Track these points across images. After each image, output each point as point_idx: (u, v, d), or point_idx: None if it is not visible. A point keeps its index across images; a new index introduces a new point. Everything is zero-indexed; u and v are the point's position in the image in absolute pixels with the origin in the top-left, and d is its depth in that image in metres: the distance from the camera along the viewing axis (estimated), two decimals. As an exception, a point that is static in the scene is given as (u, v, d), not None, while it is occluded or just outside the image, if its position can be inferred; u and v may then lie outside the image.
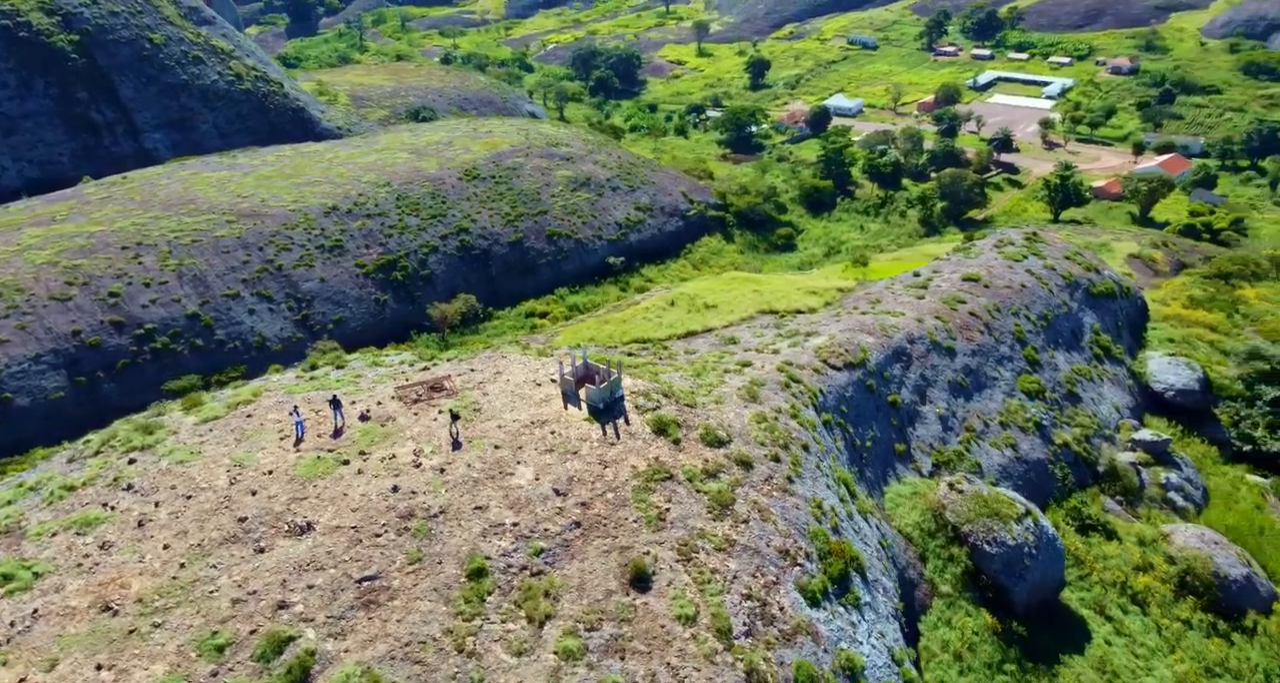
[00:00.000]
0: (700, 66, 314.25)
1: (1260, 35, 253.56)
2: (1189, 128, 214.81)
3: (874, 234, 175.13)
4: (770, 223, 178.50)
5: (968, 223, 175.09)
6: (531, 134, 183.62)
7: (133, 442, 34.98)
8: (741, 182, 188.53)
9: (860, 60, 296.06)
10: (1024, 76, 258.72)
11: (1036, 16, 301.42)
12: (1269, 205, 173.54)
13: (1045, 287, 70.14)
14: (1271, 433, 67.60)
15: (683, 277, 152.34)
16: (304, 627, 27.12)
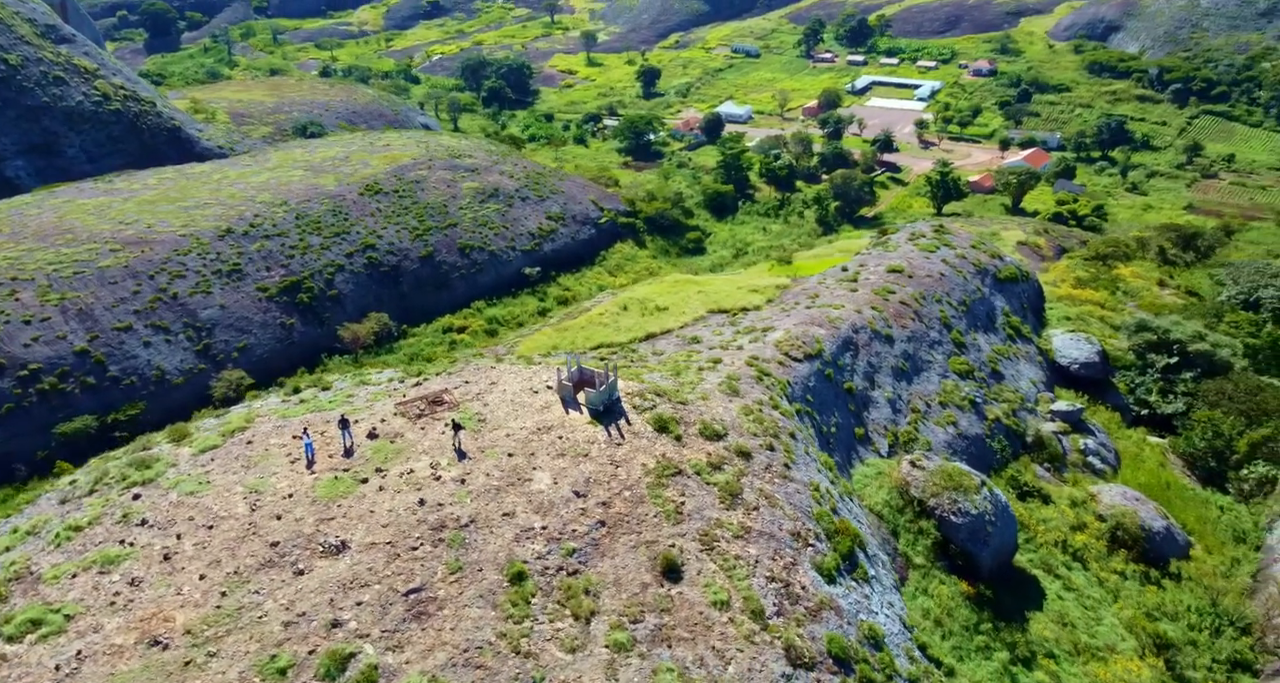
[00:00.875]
0: (592, 76, 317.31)
1: (1100, 36, 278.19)
2: (1046, 124, 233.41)
3: (776, 235, 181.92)
4: (679, 228, 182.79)
5: (860, 220, 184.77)
6: (432, 146, 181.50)
7: (131, 478, 33.85)
8: (648, 189, 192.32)
9: (745, 68, 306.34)
10: (897, 80, 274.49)
11: (902, 23, 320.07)
12: (1121, 192, 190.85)
13: (960, 274, 75.93)
14: (1164, 397, 75.56)
15: (600, 284, 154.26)
16: (361, 643, 27.38)
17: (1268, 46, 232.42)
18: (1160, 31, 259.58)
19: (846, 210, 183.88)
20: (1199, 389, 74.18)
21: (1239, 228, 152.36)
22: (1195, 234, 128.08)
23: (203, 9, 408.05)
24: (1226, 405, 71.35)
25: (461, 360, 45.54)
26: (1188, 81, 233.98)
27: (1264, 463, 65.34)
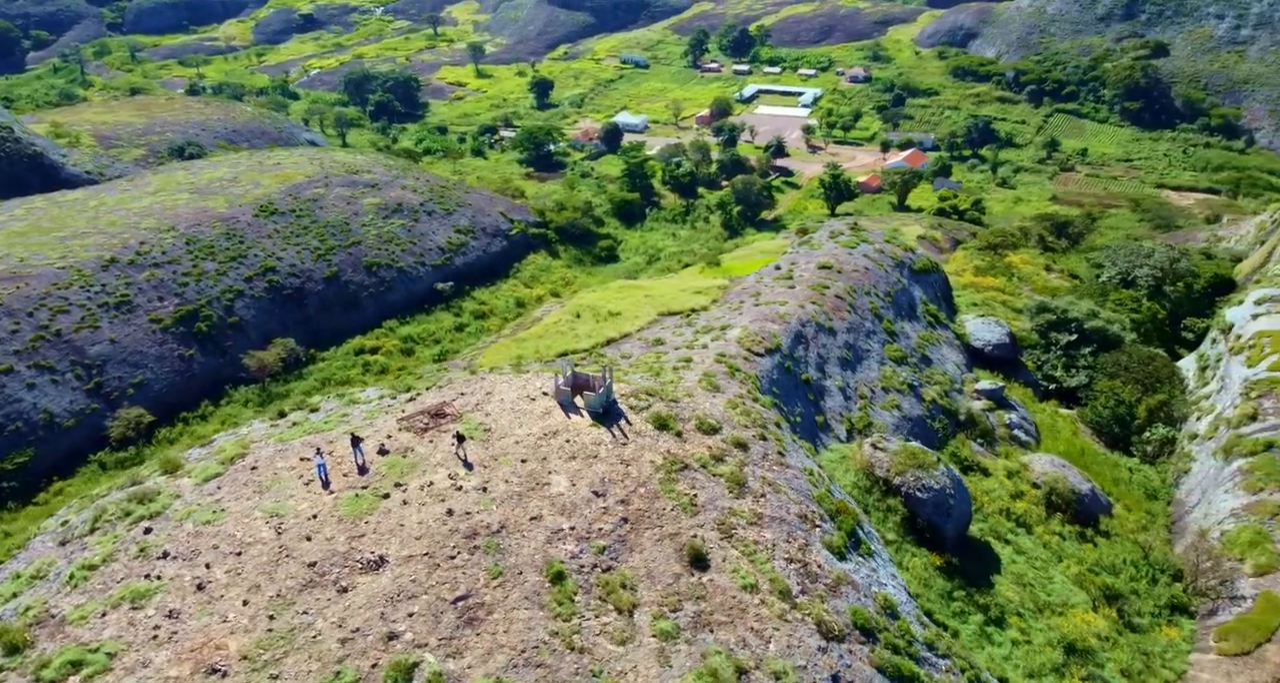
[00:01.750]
0: (482, 88, 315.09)
1: (961, 43, 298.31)
2: (919, 126, 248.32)
3: (685, 240, 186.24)
4: (591, 236, 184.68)
5: (761, 223, 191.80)
6: (327, 163, 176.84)
7: (135, 512, 32.63)
8: (556, 198, 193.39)
9: (635, 78, 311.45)
10: (781, 88, 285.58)
11: (781, 33, 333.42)
12: (993, 187, 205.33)
13: (881, 268, 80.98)
14: (1067, 372, 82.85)
15: (516, 297, 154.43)
16: (421, 652, 27.71)
17: (1108, 48, 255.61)
18: (1013, 37, 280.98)
19: (748, 214, 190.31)
20: (1098, 363, 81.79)
21: (1099, 215, 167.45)
22: (1067, 222, 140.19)
23: (49, 27, 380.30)
24: (1124, 376, 79.00)
25: (450, 373, 45.66)
26: (1041, 83, 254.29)
27: (1162, 426, 72.87)
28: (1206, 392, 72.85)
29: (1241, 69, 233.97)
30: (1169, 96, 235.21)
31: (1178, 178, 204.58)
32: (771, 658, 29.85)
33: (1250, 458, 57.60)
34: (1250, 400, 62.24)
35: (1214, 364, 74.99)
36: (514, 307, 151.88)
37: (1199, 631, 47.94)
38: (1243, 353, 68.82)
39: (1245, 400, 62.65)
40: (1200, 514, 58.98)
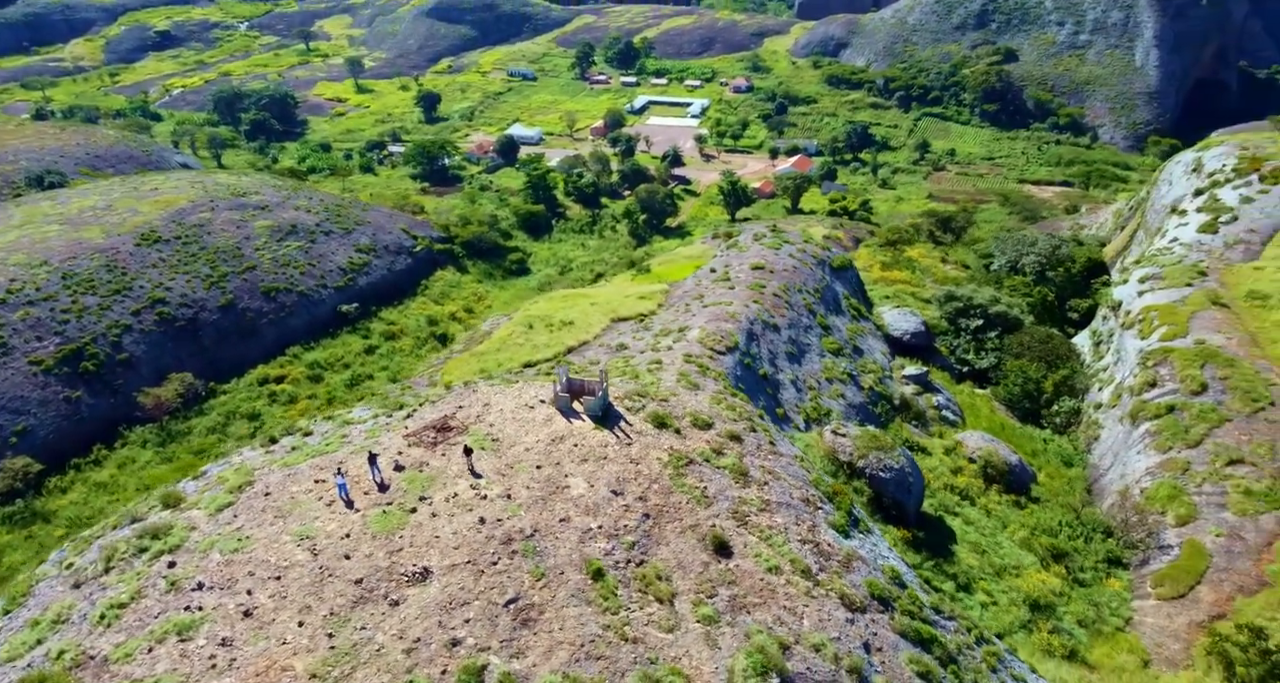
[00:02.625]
0: (364, 103, 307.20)
1: (833, 52, 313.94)
2: (802, 132, 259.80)
3: (595, 250, 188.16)
4: (499, 250, 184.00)
5: (667, 231, 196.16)
6: (210, 186, 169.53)
7: (151, 547, 31.50)
8: (459, 213, 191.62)
9: (524, 91, 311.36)
10: (670, 99, 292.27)
11: (664, 45, 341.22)
12: (875, 189, 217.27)
13: (806, 266, 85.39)
14: (978, 355, 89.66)
15: (427, 315, 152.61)
16: (486, 655, 28.31)
17: (965, 55, 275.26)
18: (880, 46, 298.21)
19: (653, 222, 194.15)
20: (1004, 344, 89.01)
21: (974, 210, 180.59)
22: (949, 218, 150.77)
23: None
24: (1028, 355, 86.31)
25: (441, 389, 45.71)
26: (909, 89, 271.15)
27: (1069, 398, 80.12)
28: (1104, 364, 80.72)
29: (1082, 71, 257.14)
30: (1022, 98, 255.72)
31: (1036, 173, 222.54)
32: (808, 633, 31.99)
33: (1155, 421, 64.54)
34: (1148, 369, 69.68)
35: (1107, 339, 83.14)
36: (426, 325, 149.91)
37: (1135, 580, 53.53)
38: (1134, 327, 76.80)
39: (1143, 369, 70.06)
40: (1116, 475, 65.55)
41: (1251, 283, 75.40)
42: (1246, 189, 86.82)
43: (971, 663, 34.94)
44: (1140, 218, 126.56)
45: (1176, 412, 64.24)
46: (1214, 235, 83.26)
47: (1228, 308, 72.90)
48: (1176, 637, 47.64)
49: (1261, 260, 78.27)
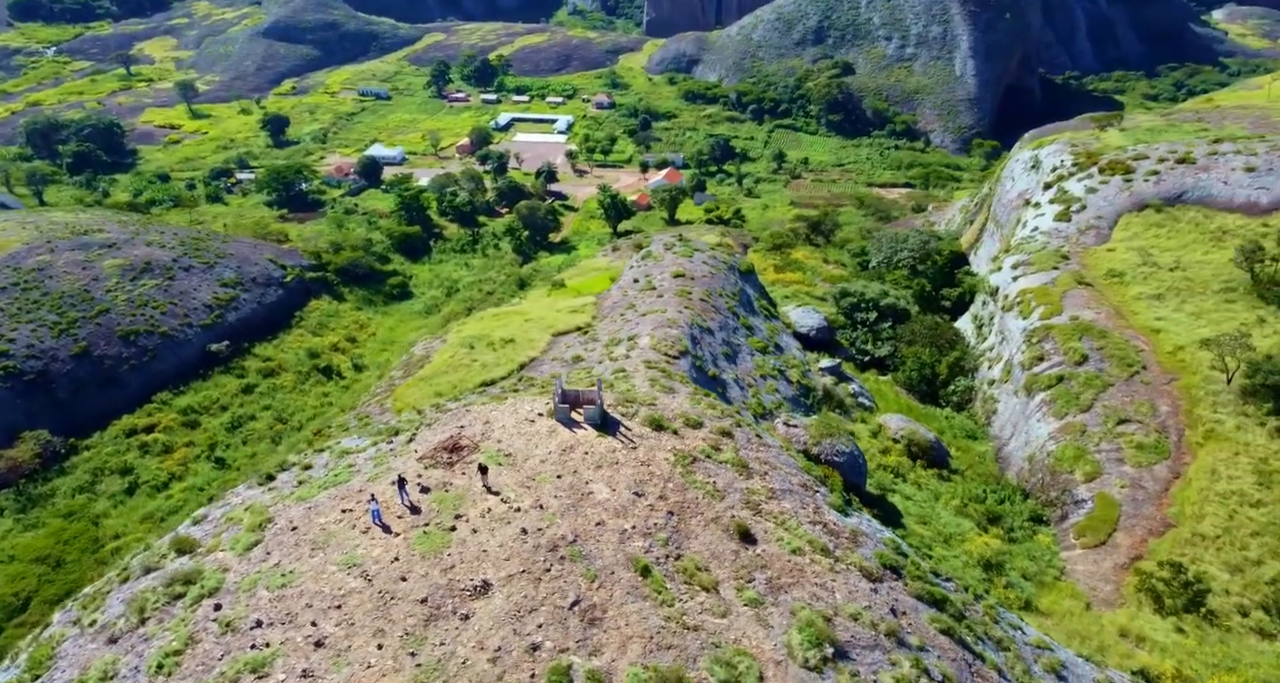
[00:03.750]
0: (202, 129, 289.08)
1: (686, 69, 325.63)
2: (668, 146, 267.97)
3: (480, 269, 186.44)
4: (377, 275, 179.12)
5: (552, 246, 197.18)
6: (44, 226, 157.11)
7: (189, 593, 29.88)
8: (329, 239, 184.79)
9: (379, 110, 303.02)
10: (535, 116, 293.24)
11: (521, 62, 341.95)
12: (742, 198, 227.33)
13: (720, 272, 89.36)
14: (875, 344, 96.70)
15: (307, 347, 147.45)
16: (566, 656, 29.06)
17: (807, 69, 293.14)
18: (730, 62, 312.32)
19: (536, 238, 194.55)
20: (897, 333, 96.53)
21: (833, 213, 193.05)
22: (819, 221, 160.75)
23: None
24: (920, 341, 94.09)
25: (464, 406, 45.24)
26: (760, 102, 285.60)
27: (962, 378, 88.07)
28: (989, 345, 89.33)
29: (911, 81, 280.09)
30: (861, 108, 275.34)
31: (882, 176, 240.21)
32: (842, 604, 34.61)
33: (1048, 391, 72.47)
34: (1034, 346, 78.01)
35: (989, 322, 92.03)
36: (307, 359, 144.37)
37: (1059, 534, 60.08)
38: (1013, 309, 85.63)
39: (1030, 346, 78.38)
40: (1020, 443, 73.01)
41: (1107, 263, 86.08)
42: (1089, 181, 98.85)
43: (977, 617, 38.78)
44: (986, 212, 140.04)
45: (1065, 381, 72.44)
46: (1068, 223, 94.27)
47: (1091, 286, 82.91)
48: (1105, 580, 54.10)
49: (1112, 243, 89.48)
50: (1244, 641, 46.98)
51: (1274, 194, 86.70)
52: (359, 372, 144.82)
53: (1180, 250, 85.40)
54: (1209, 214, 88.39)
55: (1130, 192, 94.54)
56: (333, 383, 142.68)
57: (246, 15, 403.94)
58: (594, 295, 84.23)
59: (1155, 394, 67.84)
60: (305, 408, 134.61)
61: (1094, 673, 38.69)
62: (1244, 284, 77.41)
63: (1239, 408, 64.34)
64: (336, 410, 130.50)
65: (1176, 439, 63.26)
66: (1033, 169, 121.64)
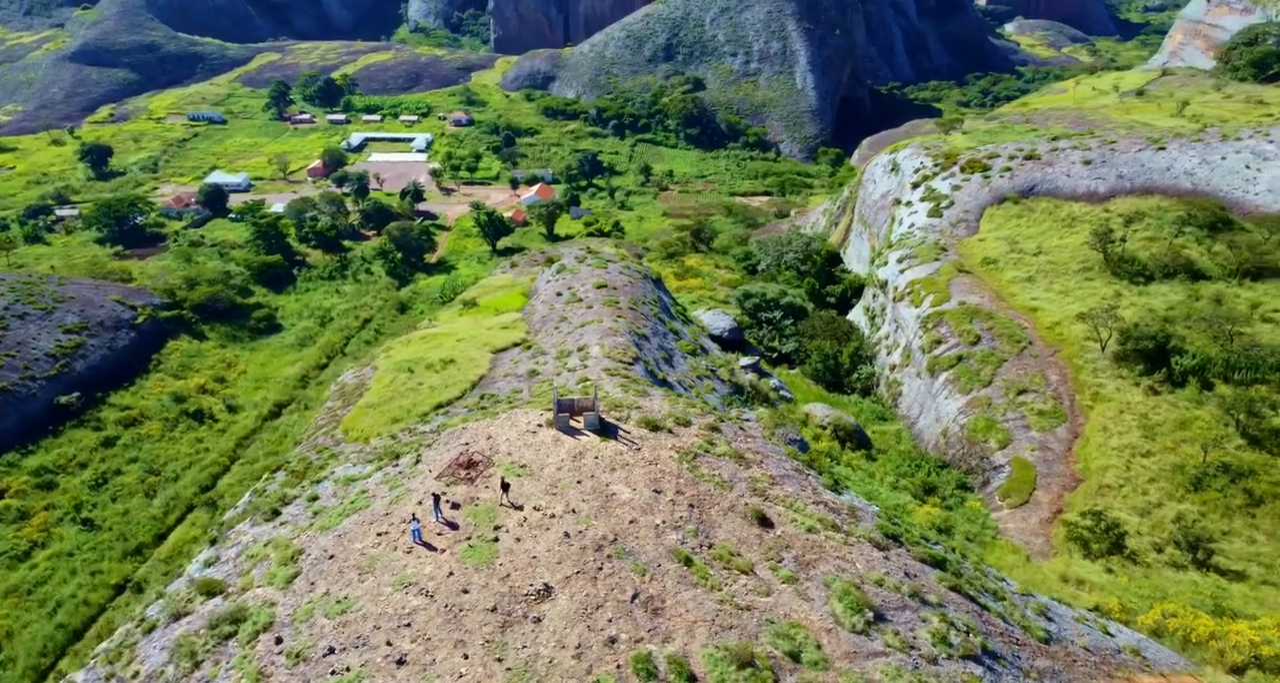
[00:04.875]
0: (7, 163, 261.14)
1: (542, 85, 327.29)
2: (534, 162, 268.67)
3: (353, 295, 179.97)
4: (239, 309, 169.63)
5: (429, 267, 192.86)
6: None
7: (238, 631, 28.32)
8: (181, 274, 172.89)
9: (214, 135, 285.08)
10: (390, 135, 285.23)
11: (367, 81, 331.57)
12: (616, 210, 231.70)
13: (636, 281, 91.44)
14: (781, 341, 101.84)
15: (172, 392, 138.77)
16: (643, 645, 29.91)
17: (661, 85, 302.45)
18: (585, 79, 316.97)
19: (411, 260, 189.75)
20: (799, 329, 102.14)
21: (706, 221, 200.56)
22: (700, 229, 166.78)
23: None
24: (820, 335, 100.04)
25: (453, 427, 44.20)
26: (620, 117, 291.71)
27: (864, 366, 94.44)
28: (884, 333, 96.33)
29: (758, 95, 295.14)
30: (716, 122, 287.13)
31: (742, 186, 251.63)
32: (865, 573, 37.18)
33: (950, 370, 79.31)
34: (930, 331, 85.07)
35: (880, 313, 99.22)
36: (173, 404, 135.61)
37: (985, 498, 66.04)
38: (904, 299, 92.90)
39: (926, 332, 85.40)
40: (930, 420, 79.41)
41: (981, 252, 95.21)
42: (953, 179, 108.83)
43: (969, 573, 42.50)
44: (850, 214, 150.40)
45: (965, 360, 79.60)
46: (941, 218, 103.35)
47: (971, 274, 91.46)
48: (1035, 534, 60.15)
49: (981, 234, 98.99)
50: (1163, 574, 53.80)
51: (1109, 183, 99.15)
52: (234, 413, 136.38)
53: (1040, 237, 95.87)
54: (1058, 204, 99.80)
55: (990, 187, 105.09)
56: (206, 427, 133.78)
57: (48, 39, 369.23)
58: (516, 312, 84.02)
59: (1045, 366, 75.95)
60: (179, 457, 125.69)
61: (1070, 612, 43.37)
62: (1099, 263, 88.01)
63: (1115, 372, 73.21)
64: (216, 456, 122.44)
65: (1070, 404, 71.15)
66: (892, 172, 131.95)
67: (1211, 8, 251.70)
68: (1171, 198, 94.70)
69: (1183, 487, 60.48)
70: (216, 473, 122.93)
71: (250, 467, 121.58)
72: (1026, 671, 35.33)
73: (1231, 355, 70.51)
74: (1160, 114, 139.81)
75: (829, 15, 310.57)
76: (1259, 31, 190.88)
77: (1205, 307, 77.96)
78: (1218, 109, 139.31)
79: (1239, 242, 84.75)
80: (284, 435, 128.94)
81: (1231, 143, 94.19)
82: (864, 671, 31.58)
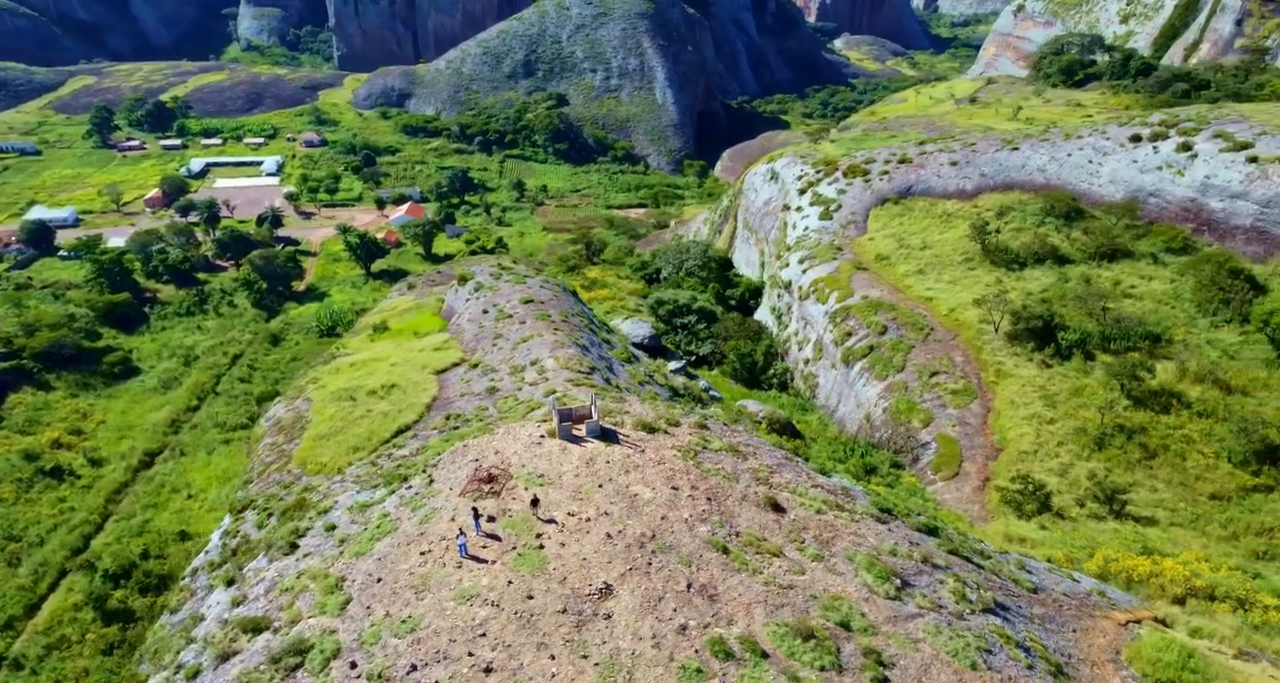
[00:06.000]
0: None
1: (398, 103, 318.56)
2: (399, 181, 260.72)
3: (218, 330, 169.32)
4: (88, 354, 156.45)
5: (299, 295, 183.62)
6: None
7: (304, 662, 27.44)
8: (19, 320, 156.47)
9: (29, 168, 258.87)
10: (235, 159, 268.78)
11: (202, 103, 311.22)
12: (495, 227, 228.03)
13: (559, 294, 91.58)
14: (697, 344, 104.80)
15: (21, 450, 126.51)
16: (712, 629, 31.04)
17: (524, 101, 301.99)
18: (444, 95, 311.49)
19: (279, 289, 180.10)
20: (713, 332, 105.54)
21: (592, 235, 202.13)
22: (590, 242, 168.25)
23: None
24: (733, 337, 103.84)
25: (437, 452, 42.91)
26: (485, 134, 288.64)
27: (779, 362, 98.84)
28: (792, 330, 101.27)
29: (621, 110, 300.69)
30: (583, 137, 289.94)
31: (616, 199, 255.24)
32: (878, 545, 39.71)
33: (865, 359, 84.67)
34: (840, 325, 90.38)
35: (787, 312, 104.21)
36: (25, 462, 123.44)
37: (918, 473, 71.01)
38: (810, 297, 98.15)
39: (837, 326, 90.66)
40: (850, 407, 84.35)
41: (873, 250, 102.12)
42: (838, 184, 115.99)
43: (958, 538, 45.98)
44: (734, 222, 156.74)
45: (876, 350, 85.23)
46: (832, 221, 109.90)
47: (868, 270, 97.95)
48: (970, 502, 65.42)
49: (870, 233, 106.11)
50: (1089, 526, 60.02)
51: (975, 181, 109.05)
52: (98, 467, 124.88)
53: (923, 233, 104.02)
54: (934, 202, 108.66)
55: (872, 189, 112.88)
56: (68, 485, 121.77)
57: None
58: (440, 332, 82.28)
59: (949, 349, 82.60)
60: (41, 519, 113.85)
61: (1041, 565, 47.86)
62: (978, 254, 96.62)
63: (1010, 350, 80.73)
64: (84, 515, 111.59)
65: (978, 382, 77.81)
66: (772, 180, 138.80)
67: (1018, 22, 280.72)
68: (1029, 192, 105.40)
69: (1088, 447, 67.64)
70: (88, 532, 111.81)
71: (128, 522, 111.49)
72: (1030, 617, 38.91)
73: (1105, 328, 79.44)
74: (999, 119, 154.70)
75: (680, 32, 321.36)
76: (1064, 42, 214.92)
77: (1075, 287, 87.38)
78: (1045, 112, 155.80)
79: (1093, 228, 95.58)
80: (162, 485, 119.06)
81: (1075, 141, 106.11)
82: (908, 632, 33.91)
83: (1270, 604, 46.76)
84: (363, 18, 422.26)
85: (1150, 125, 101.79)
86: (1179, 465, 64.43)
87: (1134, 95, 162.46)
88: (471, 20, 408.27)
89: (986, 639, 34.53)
